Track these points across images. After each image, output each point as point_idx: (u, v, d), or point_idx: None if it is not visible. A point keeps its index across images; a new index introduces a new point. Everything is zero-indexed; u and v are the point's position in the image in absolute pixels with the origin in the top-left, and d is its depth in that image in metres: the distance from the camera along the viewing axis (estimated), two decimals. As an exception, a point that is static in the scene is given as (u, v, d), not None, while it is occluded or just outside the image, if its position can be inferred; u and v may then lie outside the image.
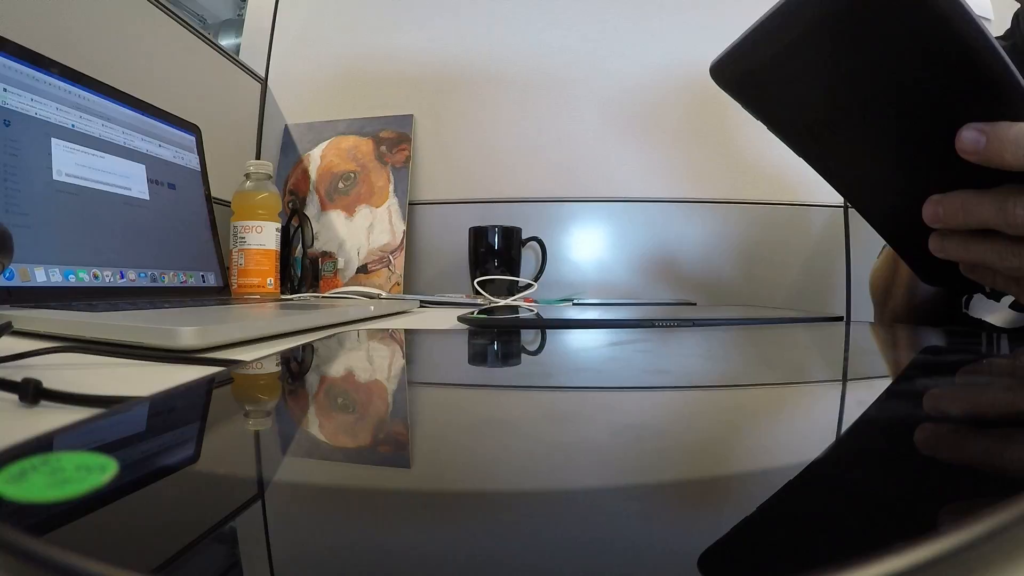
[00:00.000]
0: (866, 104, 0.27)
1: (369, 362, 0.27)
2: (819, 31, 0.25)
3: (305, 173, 1.03)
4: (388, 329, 0.41)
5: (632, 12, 1.02)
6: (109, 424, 0.14)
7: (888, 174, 0.30)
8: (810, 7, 0.25)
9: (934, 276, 0.34)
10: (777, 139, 0.33)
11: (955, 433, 0.14)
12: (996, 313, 0.46)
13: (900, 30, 0.23)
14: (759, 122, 0.32)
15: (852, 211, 0.96)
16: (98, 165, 0.58)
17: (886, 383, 0.22)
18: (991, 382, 0.21)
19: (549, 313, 0.55)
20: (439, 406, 0.19)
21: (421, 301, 0.75)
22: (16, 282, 0.47)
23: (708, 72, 0.30)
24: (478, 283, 0.85)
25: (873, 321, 0.63)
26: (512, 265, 0.92)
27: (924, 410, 0.16)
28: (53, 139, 0.54)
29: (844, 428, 0.15)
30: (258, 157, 1.07)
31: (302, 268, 0.90)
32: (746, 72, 0.29)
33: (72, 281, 0.52)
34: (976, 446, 0.13)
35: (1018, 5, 0.51)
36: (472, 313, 0.46)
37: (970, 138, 0.25)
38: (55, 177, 0.53)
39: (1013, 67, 0.23)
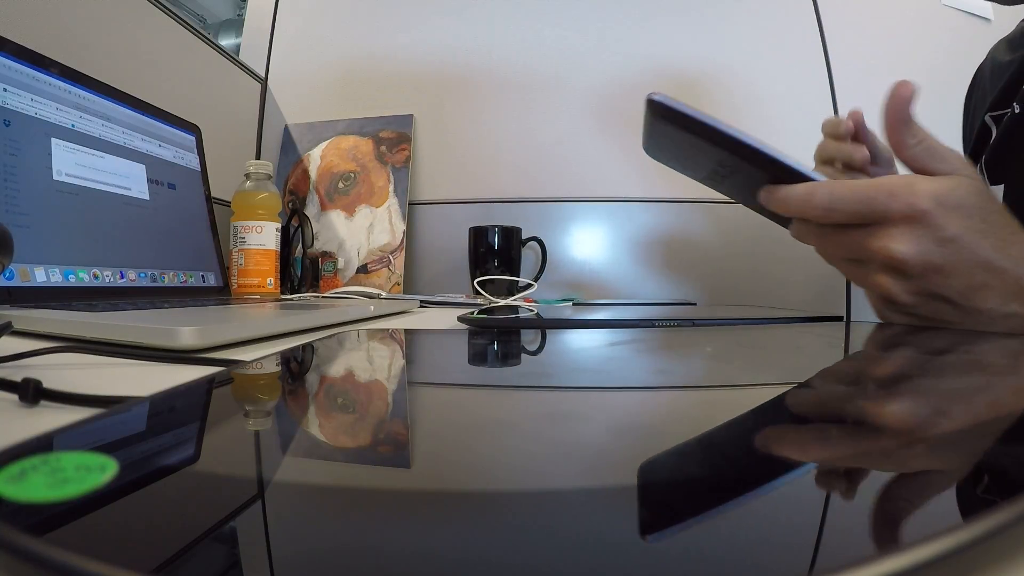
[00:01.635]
0: (719, 170, 0.41)
1: (369, 362, 0.27)
2: (667, 140, 0.40)
3: (305, 173, 1.03)
4: (388, 329, 0.41)
5: (632, 12, 1.02)
6: (109, 424, 0.14)
7: (757, 205, 0.42)
8: (649, 129, 0.40)
9: None
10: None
11: (955, 433, 0.14)
12: None
13: (692, 140, 0.37)
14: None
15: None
16: (98, 165, 0.58)
17: (885, 383, 0.22)
18: (991, 381, 0.21)
19: (549, 313, 0.55)
20: (439, 406, 0.19)
21: (421, 301, 0.75)
22: (16, 282, 0.47)
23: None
24: (478, 283, 0.85)
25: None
26: (512, 265, 0.92)
27: (924, 410, 0.16)
28: (53, 139, 0.54)
29: (843, 428, 0.15)
30: (258, 157, 1.07)
31: (302, 268, 0.90)
32: (654, 152, 0.45)
33: (72, 281, 0.52)
34: (976, 446, 0.13)
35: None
36: (472, 313, 0.46)
37: (760, 196, 0.38)
38: (55, 177, 0.53)
39: (770, 151, 0.36)
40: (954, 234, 0.33)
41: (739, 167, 0.39)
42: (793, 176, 0.37)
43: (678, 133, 0.38)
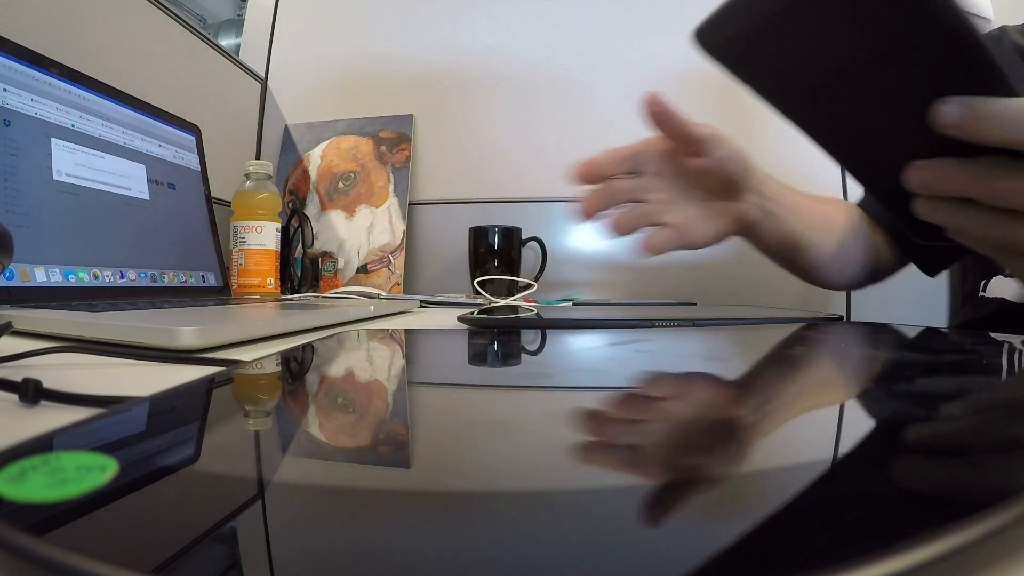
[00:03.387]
0: (854, 73, 0.28)
1: (369, 362, 0.27)
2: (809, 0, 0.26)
3: (305, 173, 1.03)
4: (388, 329, 0.41)
5: (632, 12, 1.02)
6: (109, 424, 0.14)
7: (878, 138, 0.31)
8: None
9: (927, 235, 0.34)
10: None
11: (955, 433, 0.14)
12: (1015, 289, 0.46)
13: (883, 5, 0.24)
14: (750, 93, 0.32)
15: (852, 211, 0.96)
16: (98, 165, 0.58)
17: (885, 383, 0.22)
18: (990, 381, 0.21)
19: (549, 313, 0.55)
20: (439, 406, 0.19)
21: (421, 301, 0.75)
22: (16, 282, 0.47)
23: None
24: (478, 283, 0.85)
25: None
26: (512, 265, 0.92)
27: (924, 410, 0.16)
28: (53, 139, 0.54)
29: (843, 428, 0.15)
30: (258, 157, 1.07)
31: (302, 268, 0.90)
32: (733, 37, 0.29)
33: (72, 281, 0.52)
34: (976, 446, 0.13)
35: None
36: (472, 313, 0.46)
37: (949, 112, 0.26)
38: (55, 177, 0.53)
39: (991, 46, 0.24)
40: None
41: (907, 65, 0.26)
42: (991, 86, 0.25)
43: None
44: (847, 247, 0.51)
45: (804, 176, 0.96)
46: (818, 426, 0.16)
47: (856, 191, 0.97)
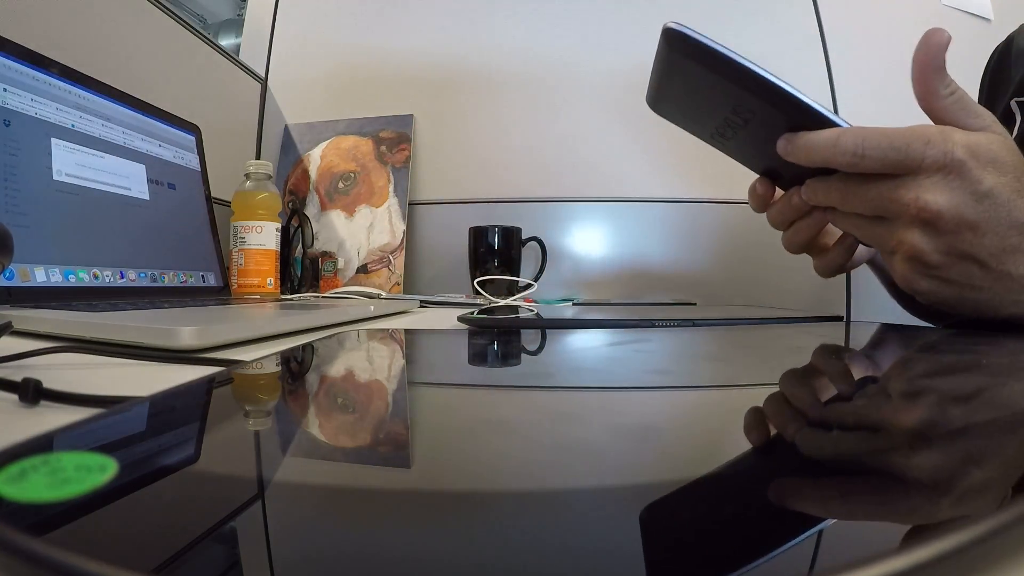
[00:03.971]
0: (733, 119, 0.37)
1: (369, 362, 0.27)
2: (679, 80, 0.37)
3: (305, 173, 1.03)
4: (388, 329, 0.41)
5: (632, 12, 1.02)
6: (109, 424, 0.14)
7: (769, 161, 0.40)
8: (661, 67, 0.37)
9: None
10: None
11: (955, 432, 0.14)
12: None
13: (708, 77, 0.34)
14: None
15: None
16: (98, 165, 0.58)
17: (885, 383, 0.22)
18: (990, 381, 0.21)
19: (549, 313, 0.55)
20: (439, 406, 0.19)
21: (421, 301, 0.75)
22: (16, 282, 0.47)
23: (649, 105, 0.43)
24: (478, 283, 0.85)
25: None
26: (512, 265, 0.92)
27: (924, 410, 0.16)
28: (53, 139, 0.54)
29: (843, 428, 0.15)
30: (258, 157, 1.07)
31: (302, 268, 0.90)
32: (660, 101, 0.41)
33: (72, 281, 0.52)
34: (976, 446, 0.13)
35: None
36: (472, 313, 0.46)
37: (780, 146, 0.36)
38: (55, 177, 0.53)
39: (794, 92, 0.33)
40: (989, 188, 0.31)
41: (756, 114, 0.35)
42: (817, 122, 0.33)
43: (694, 71, 0.34)
44: None
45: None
46: (817, 424, 0.16)
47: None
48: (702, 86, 0.35)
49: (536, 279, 0.91)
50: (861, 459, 0.12)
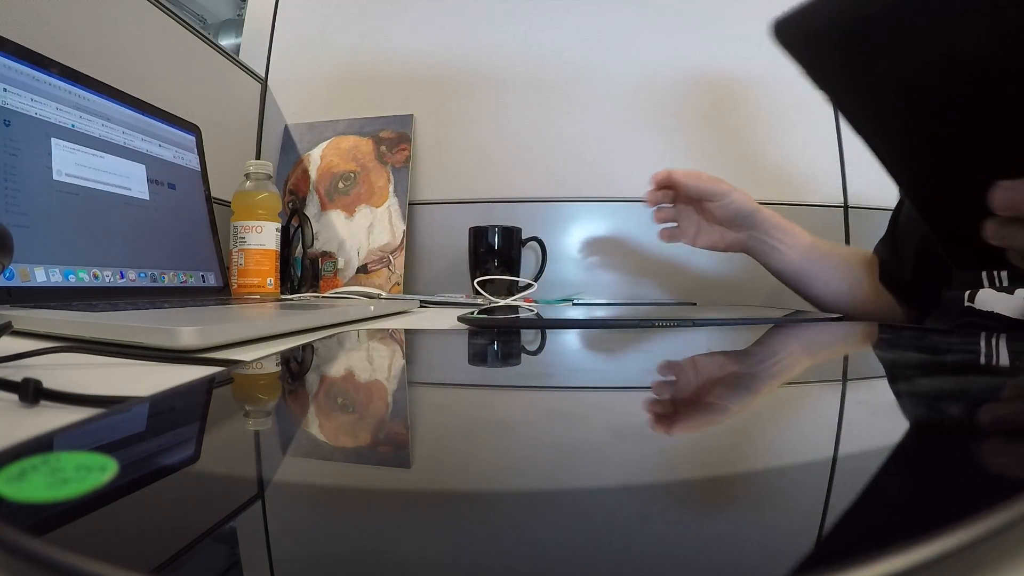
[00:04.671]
0: (944, 83, 0.26)
1: (369, 362, 0.27)
2: (907, 3, 0.24)
3: (305, 173, 1.03)
4: (388, 329, 0.41)
5: (632, 12, 1.02)
6: (109, 424, 0.14)
7: (951, 157, 0.29)
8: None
9: (968, 262, 0.34)
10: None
11: (955, 433, 0.14)
12: (1008, 303, 0.46)
13: (989, 10, 0.23)
14: (819, 92, 0.30)
15: (852, 211, 0.96)
16: (98, 165, 0.58)
17: (885, 383, 0.22)
18: (990, 381, 0.21)
19: (549, 313, 0.55)
20: (439, 406, 0.19)
21: (421, 301, 0.75)
22: (16, 282, 0.47)
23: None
24: (478, 283, 0.85)
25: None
26: (512, 265, 0.92)
27: (924, 410, 0.16)
28: (53, 139, 0.54)
29: (843, 428, 0.15)
30: (258, 157, 1.07)
31: (302, 268, 0.90)
32: (815, 34, 0.27)
33: (72, 281, 0.52)
34: (976, 446, 0.13)
35: None
36: (472, 313, 0.46)
37: (1003, 191, 0.25)
38: (55, 177, 0.53)
39: None
40: None
41: (1012, 77, 0.24)
42: None
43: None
44: (835, 283, 0.65)
45: (803, 177, 0.96)
46: (817, 425, 0.16)
47: (856, 195, 0.97)
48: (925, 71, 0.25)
49: (536, 279, 0.91)
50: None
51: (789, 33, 0.27)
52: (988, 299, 0.48)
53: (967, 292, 0.49)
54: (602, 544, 0.08)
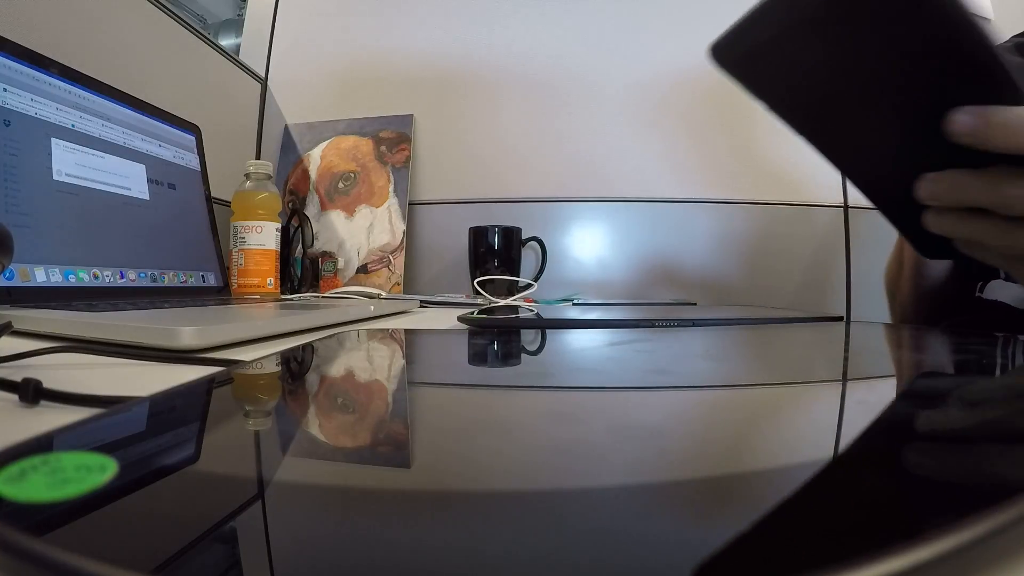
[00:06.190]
0: (865, 85, 0.28)
1: (369, 362, 0.27)
2: (820, 15, 0.26)
3: (305, 173, 1.03)
4: (388, 329, 0.41)
5: (632, 12, 1.02)
6: (109, 424, 0.14)
7: (886, 151, 0.31)
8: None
9: (932, 250, 0.35)
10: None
11: (955, 433, 0.14)
12: (1013, 293, 0.46)
13: (898, 16, 0.25)
14: (762, 106, 0.33)
15: (852, 211, 0.96)
16: (98, 165, 0.58)
17: (885, 383, 0.22)
18: (991, 381, 0.21)
19: (549, 313, 0.55)
20: (439, 406, 0.19)
21: (421, 301, 0.75)
22: (16, 282, 0.47)
23: (707, 58, 0.31)
24: (478, 283, 0.85)
25: (890, 316, 0.63)
26: (512, 265, 0.92)
27: (924, 410, 0.16)
28: (53, 139, 0.53)
29: (843, 428, 0.15)
30: (258, 157, 1.07)
31: (302, 268, 0.90)
32: (746, 54, 0.30)
33: (72, 281, 0.52)
34: (976, 446, 0.13)
35: None
36: (472, 313, 0.46)
37: (962, 121, 0.26)
38: (55, 177, 0.53)
39: (1002, 55, 0.24)
40: None
41: (921, 75, 0.26)
42: (1005, 91, 0.25)
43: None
44: None
45: (803, 177, 0.96)
46: (817, 424, 0.16)
47: (856, 195, 0.97)
48: (836, 37, 0.27)
49: (536, 279, 0.91)
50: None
51: (724, 54, 0.30)
52: (996, 289, 0.48)
53: (979, 283, 0.50)
54: (602, 544, 0.08)
